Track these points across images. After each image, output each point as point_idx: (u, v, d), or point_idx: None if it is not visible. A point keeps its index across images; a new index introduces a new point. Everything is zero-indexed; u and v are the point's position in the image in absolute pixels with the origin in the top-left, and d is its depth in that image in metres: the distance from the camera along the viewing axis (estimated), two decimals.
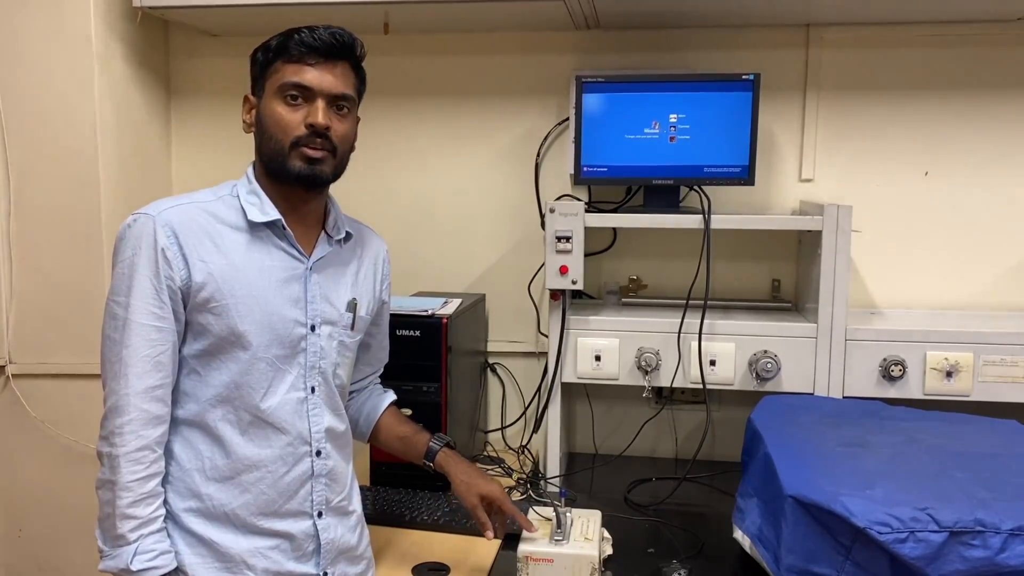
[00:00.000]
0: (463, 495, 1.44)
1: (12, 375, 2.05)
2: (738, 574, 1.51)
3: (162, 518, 1.21)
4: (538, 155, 2.14)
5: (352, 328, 1.35)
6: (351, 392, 1.53)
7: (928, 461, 1.36)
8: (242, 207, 1.26)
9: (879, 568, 1.18)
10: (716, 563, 1.54)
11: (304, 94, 1.24)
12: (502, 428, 2.21)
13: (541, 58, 2.12)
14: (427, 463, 1.48)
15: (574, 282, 1.82)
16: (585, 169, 1.92)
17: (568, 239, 1.81)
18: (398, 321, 1.79)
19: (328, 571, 1.32)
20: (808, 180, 2.06)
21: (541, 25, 2.07)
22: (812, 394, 1.79)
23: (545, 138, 2.13)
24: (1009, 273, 2.03)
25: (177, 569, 1.22)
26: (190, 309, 1.22)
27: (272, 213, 1.26)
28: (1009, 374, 1.75)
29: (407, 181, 2.20)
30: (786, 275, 2.08)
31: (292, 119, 1.23)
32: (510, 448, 2.16)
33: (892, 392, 1.78)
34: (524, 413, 2.19)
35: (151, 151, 2.20)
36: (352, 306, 1.35)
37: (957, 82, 2.00)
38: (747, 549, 1.46)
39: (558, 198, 2.07)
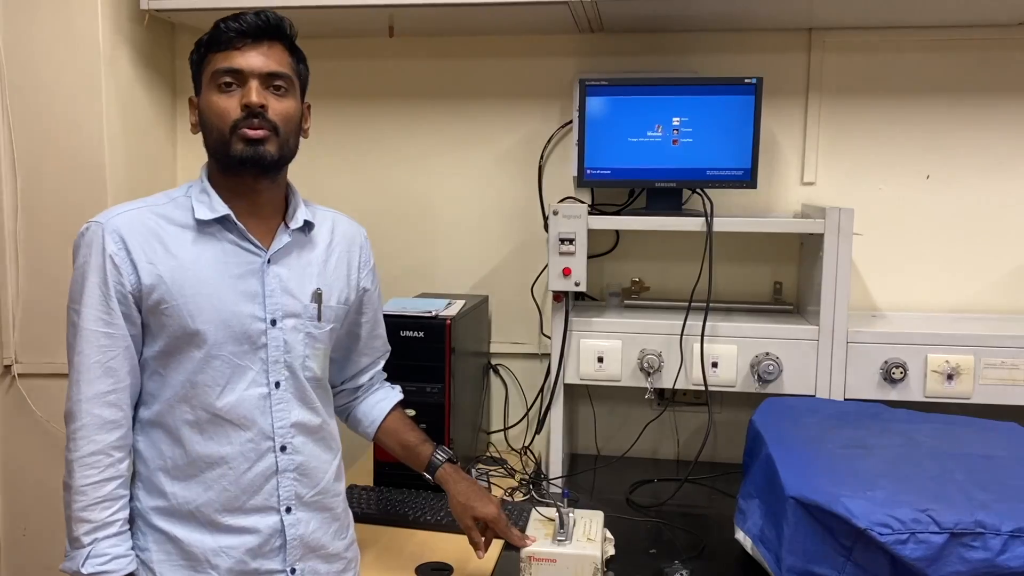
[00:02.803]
0: (458, 515, 1.46)
1: (18, 374, 2.06)
2: (739, 575, 1.52)
3: (121, 522, 1.22)
4: (541, 157, 2.15)
5: (319, 319, 1.32)
6: (357, 387, 1.52)
7: (929, 463, 1.36)
8: (192, 207, 1.26)
9: (880, 569, 1.19)
10: (717, 564, 1.55)
11: (236, 78, 1.22)
12: (504, 429, 2.22)
13: (545, 61, 2.13)
14: (428, 476, 1.49)
15: (577, 284, 1.83)
16: (588, 172, 1.93)
17: (571, 241, 1.82)
18: (401, 322, 1.80)
19: (297, 567, 1.30)
20: (810, 183, 2.07)
21: (545, 28, 2.08)
22: (813, 396, 1.80)
23: (548, 141, 2.14)
24: (1010, 276, 2.04)
25: (141, 567, 1.24)
26: (145, 312, 1.23)
27: (221, 209, 1.25)
28: (1010, 377, 1.75)
29: (411, 183, 2.21)
30: (788, 277, 2.09)
31: (228, 104, 1.22)
32: (512, 449, 2.17)
33: (893, 394, 1.79)
34: (527, 414, 2.20)
35: (157, 152, 2.21)
36: (317, 296, 1.32)
37: (958, 86, 2.01)
38: (748, 550, 1.47)
39: (561, 200, 2.07)
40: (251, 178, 1.26)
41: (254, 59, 1.23)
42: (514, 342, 2.21)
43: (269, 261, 1.28)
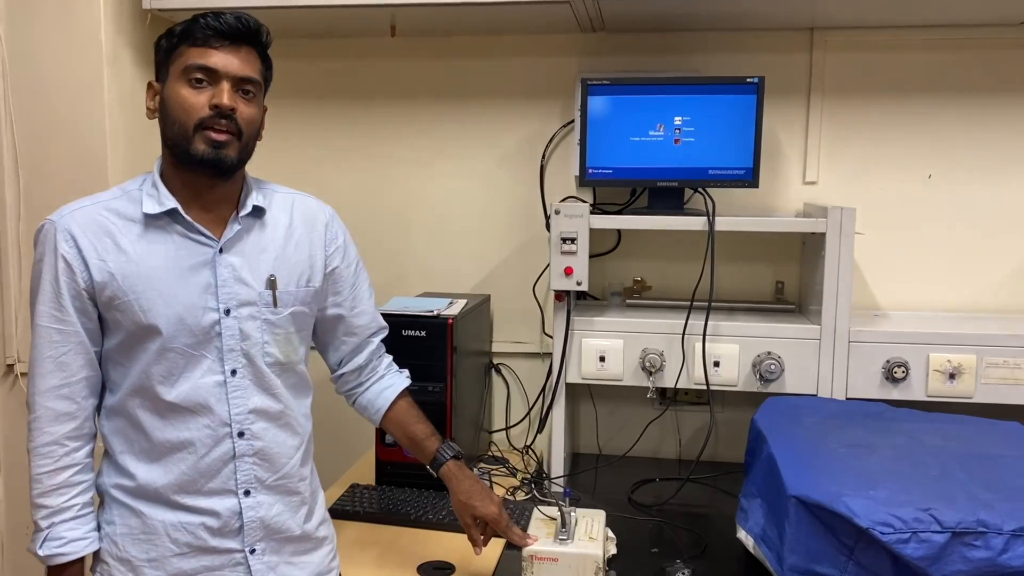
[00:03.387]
0: (459, 513, 1.46)
1: (21, 374, 2.06)
2: (741, 574, 1.52)
3: (79, 506, 1.27)
4: (543, 157, 2.15)
5: (275, 305, 1.31)
6: (358, 369, 1.49)
7: (931, 462, 1.36)
8: (142, 201, 1.27)
9: (882, 568, 1.19)
10: (719, 563, 1.55)
11: (209, 76, 1.23)
12: (506, 428, 2.22)
13: (547, 60, 2.13)
14: (432, 471, 1.49)
15: (579, 283, 1.83)
16: (590, 171, 1.93)
17: (573, 240, 1.82)
18: (403, 321, 1.81)
19: (256, 547, 1.31)
20: (812, 183, 2.07)
21: (547, 28, 2.08)
22: (815, 395, 1.80)
23: (550, 140, 2.14)
24: (1012, 275, 2.04)
25: (106, 540, 1.29)
26: (100, 307, 1.25)
27: (168, 203, 1.25)
28: (1012, 376, 1.75)
29: (413, 182, 2.22)
30: (790, 277, 2.09)
31: (197, 101, 1.22)
32: (514, 448, 2.17)
33: (895, 394, 1.79)
34: (528, 413, 2.20)
35: (159, 152, 2.21)
36: (271, 283, 1.30)
37: (960, 85, 2.01)
38: (750, 549, 1.47)
39: (563, 200, 2.07)
40: (207, 176, 1.26)
41: (231, 62, 1.24)
42: (516, 341, 2.21)
43: (221, 250, 1.28)
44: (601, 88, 1.90)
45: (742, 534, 1.50)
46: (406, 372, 1.56)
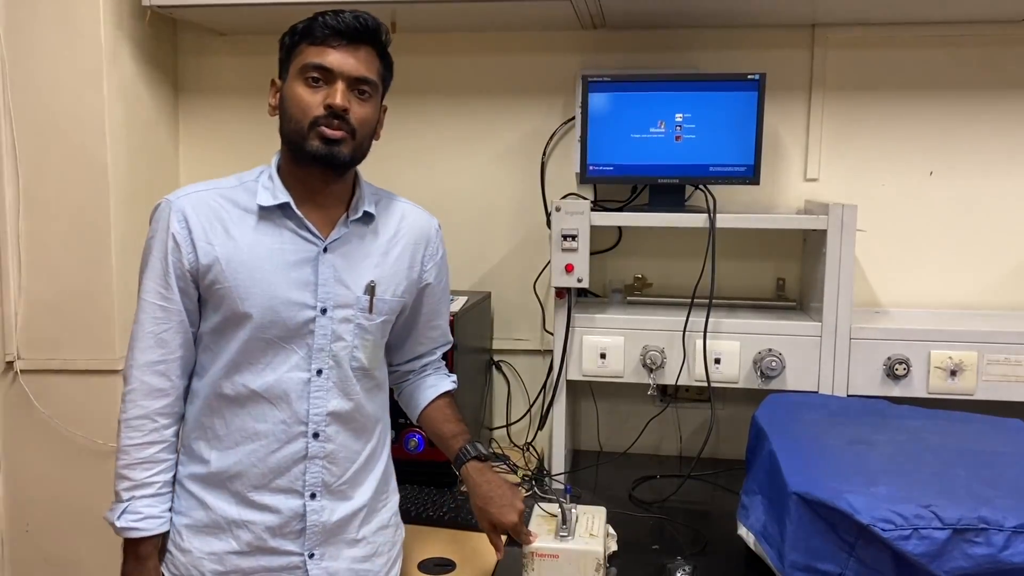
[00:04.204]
0: (477, 517, 1.44)
1: (20, 371, 2.06)
2: (742, 571, 1.52)
3: (160, 484, 1.29)
4: (544, 154, 2.15)
5: (371, 311, 1.33)
6: (408, 372, 1.52)
7: (932, 459, 1.36)
8: (257, 192, 1.29)
9: (883, 565, 1.19)
10: (720, 560, 1.55)
11: (325, 76, 1.25)
12: (507, 425, 2.22)
13: (547, 57, 2.13)
14: (455, 470, 1.48)
15: (579, 280, 1.83)
16: (591, 168, 1.93)
17: (574, 237, 1.82)
18: None
19: (316, 552, 1.32)
20: (813, 179, 2.07)
21: (547, 25, 2.08)
22: (816, 392, 1.80)
23: (551, 137, 2.14)
24: (1013, 272, 2.03)
25: (171, 529, 1.31)
26: (202, 290, 1.28)
27: (282, 196, 1.28)
28: (1013, 373, 1.75)
29: (413, 179, 2.21)
30: (791, 274, 2.09)
31: (312, 100, 1.24)
32: (515, 445, 2.17)
33: (896, 391, 1.79)
34: (529, 410, 2.20)
35: (159, 149, 2.21)
36: (370, 288, 1.33)
37: (961, 82, 2.01)
38: (751, 546, 1.47)
39: (564, 197, 2.07)
40: (320, 173, 1.28)
41: (346, 61, 1.25)
42: (516, 338, 2.21)
43: (326, 250, 1.30)
44: (602, 85, 1.90)
45: (743, 531, 1.50)
46: (453, 377, 1.56)
